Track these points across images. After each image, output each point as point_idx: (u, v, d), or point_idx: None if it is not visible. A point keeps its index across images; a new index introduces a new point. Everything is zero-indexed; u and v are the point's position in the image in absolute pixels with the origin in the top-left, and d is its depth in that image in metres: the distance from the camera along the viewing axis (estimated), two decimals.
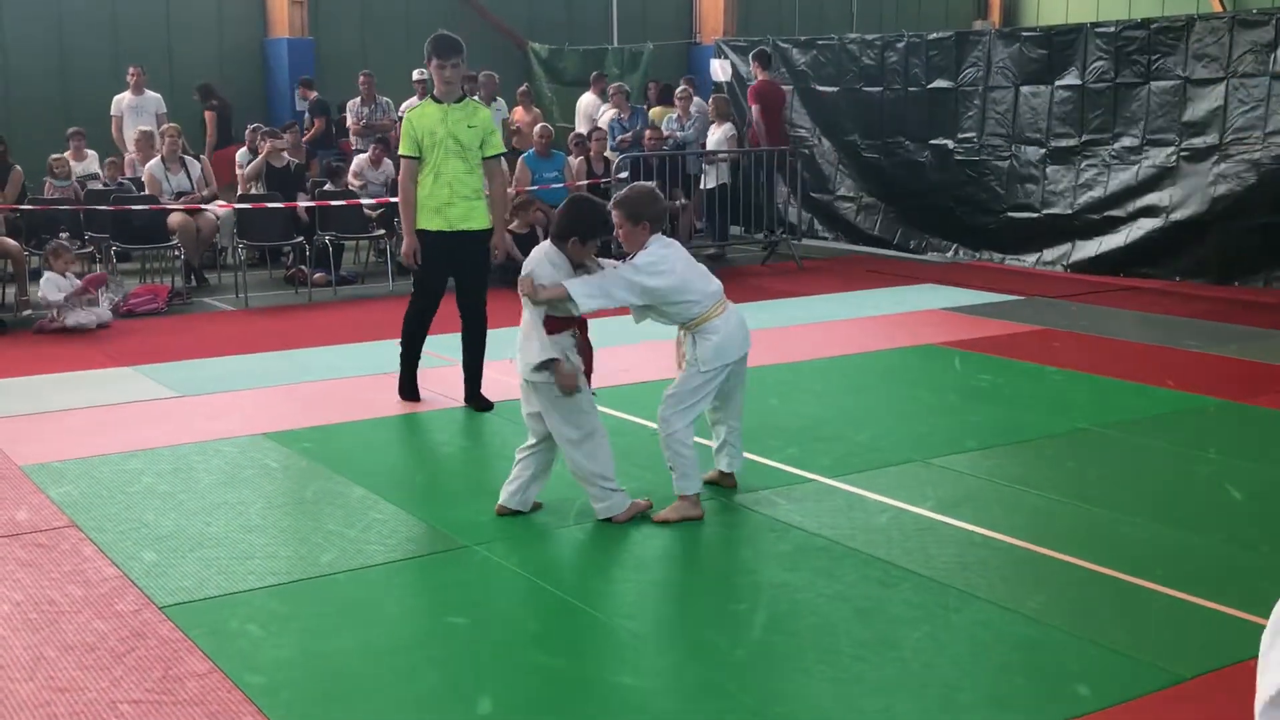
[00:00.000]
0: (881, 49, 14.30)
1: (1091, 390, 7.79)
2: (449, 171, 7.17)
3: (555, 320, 5.28)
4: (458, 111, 7.20)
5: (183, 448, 6.61)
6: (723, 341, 5.40)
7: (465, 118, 7.21)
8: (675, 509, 5.45)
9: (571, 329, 5.33)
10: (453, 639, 4.36)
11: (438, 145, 7.14)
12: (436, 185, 7.18)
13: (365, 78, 15.28)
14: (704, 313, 5.40)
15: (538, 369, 5.23)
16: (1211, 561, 4.98)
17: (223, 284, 12.27)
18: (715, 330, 5.40)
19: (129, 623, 4.43)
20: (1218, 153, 11.53)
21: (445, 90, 7.22)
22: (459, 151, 7.18)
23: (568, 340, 5.30)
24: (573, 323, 5.33)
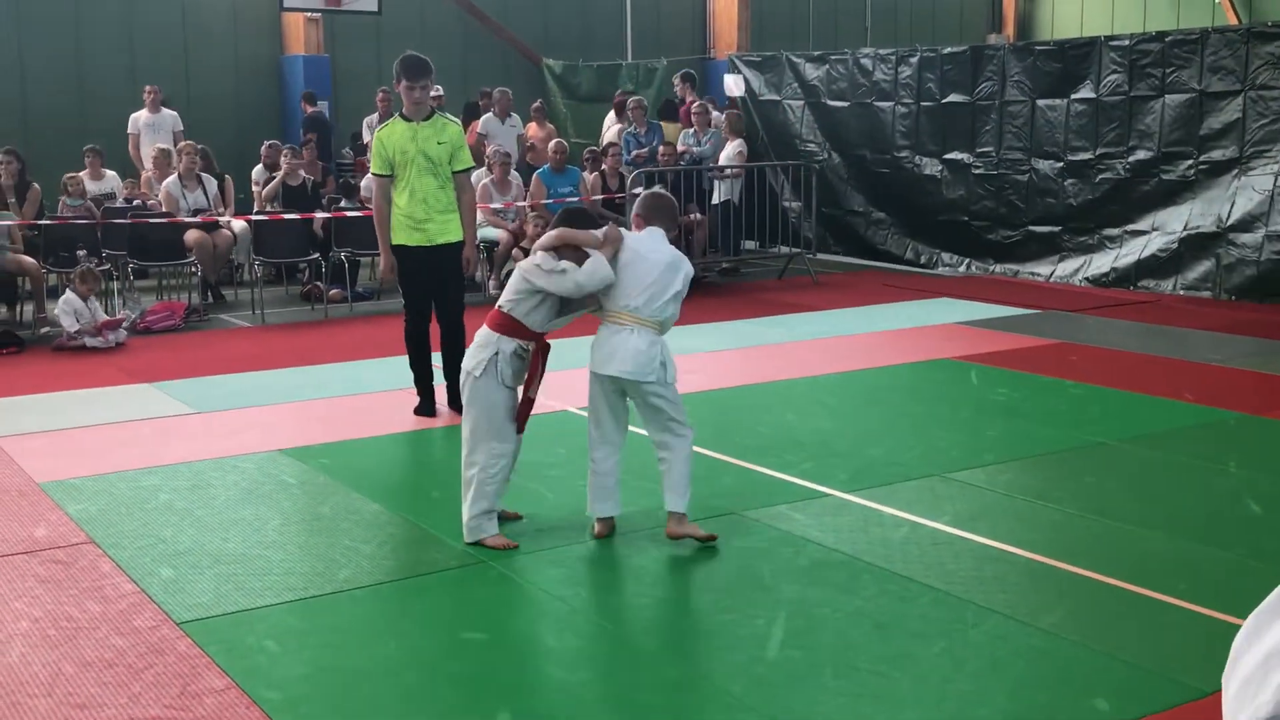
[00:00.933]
0: (895, 63, 14.31)
1: (1109, 404, 7.76)
2: (423, 188, 7.31)
3: (509, 322, 5.27)
4: (427, 129, 7.32)
5: (200, 464, 6.62)
6: (593, 344, 5.33)
7: (434, 134, 7.33)
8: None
9: (523, 340, 5.28)
10: (470, 655, 4.35)
11: (410, 163, 7.27)
12: (412, 202, 7.31)
13: (383, 94, 15.32)
14: (607, 311, 5.31)
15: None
16: (1231, 575, 4.95)
17: (239, 300, 12.31)
18: (600, 333, 5.33)
19: (147, 639, 4.43)
20: (1237, 166, 11.50)
21: (414, 109, 7.33)
22: (430, 168, 7.31)
23: (509, 344, 5.25)
24: (527, 334, 5.28)
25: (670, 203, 5.62)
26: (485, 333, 5.31)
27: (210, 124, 16.25)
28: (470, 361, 5.31)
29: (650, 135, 14.44)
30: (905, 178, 14.24)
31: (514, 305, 5.29)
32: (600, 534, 5.43)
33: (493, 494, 5.29)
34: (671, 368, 5.30)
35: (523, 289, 5.27)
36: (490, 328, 5.31)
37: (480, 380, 5.24)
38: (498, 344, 5.25)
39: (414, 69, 7.25)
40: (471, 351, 5.34)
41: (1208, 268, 11.69)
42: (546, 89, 19.03)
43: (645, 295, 5.24)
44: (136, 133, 14.54)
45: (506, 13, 19.35)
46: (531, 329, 5.29)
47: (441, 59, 18.38)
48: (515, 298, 5.29)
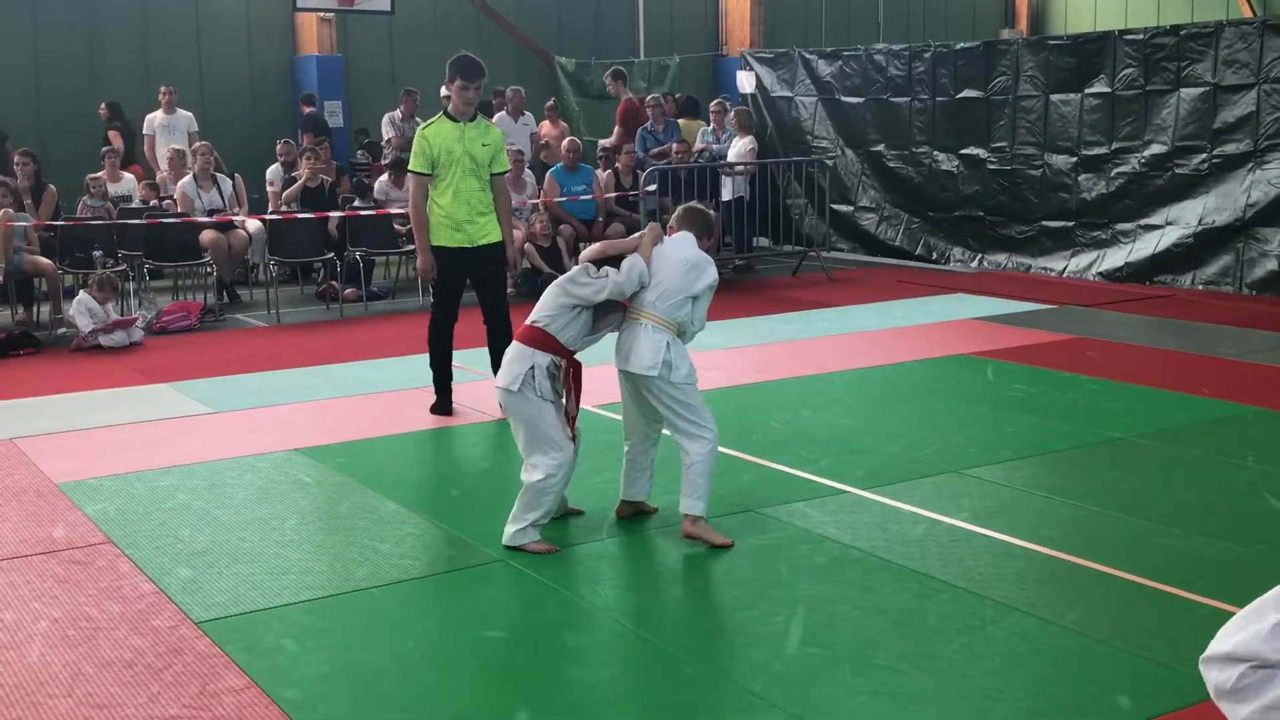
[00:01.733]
0: (909, 59, 14.27)
1: (1127, 399, 7.73)
2: (466, 189, 7.25)
3: (543, 336, 5.26)
4: (473, 130, 7.27)
5: (217, 463, 6.64)
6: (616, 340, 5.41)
7: (479, 136, 7.29)
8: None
9: (557, 355, 5.26)
10: (488, 653, 4.35)
11: (455, 163, 7.20)
12: (455, 203, 7.25)
13: (408, 95, 15.25)
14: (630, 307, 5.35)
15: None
16: (1252, 571, 4.92)
17: (254, 300, 12.34)
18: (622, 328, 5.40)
19: (166, 639, 4.44)
20: (1252, 160, 11.44)
21: (464, 110, 7.27)
22: (474, 170, 7.25)
23: (543, 359, 5.23)
24: (560, 350, 5.26)
25: (703, 213, 5.64)
26: (518, 348, 5.28)
27: (225, 125, 16.29)
28: (505, 378, 5.25)
29: (668, 133, 14.43)
30: (923, 172, 14.21)
31: (550, 321, 5.27)
32: (620, 514, 5.60)
33: (547, 504, 5.26)
34: (682, 369, 5.26)
35: (562, 303, 5.26)
36: (523, 343, 5.29)
37: (517, 395, 5.19)
38: (532, 358, 5.23)
39: (470, 69, 7.20)
40: (505, 367, 5.29)
41: (1227, 262, 11.63)
42: (559, 87, 19.03)
43: (657, 292, 5.28)
44: (152, 134, 14.58)
45: (520, 11, 19.35)
46: (565, 345, 5.28)
47: None
48: (552, 313, 5.27)
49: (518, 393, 5.18)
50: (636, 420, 5.50)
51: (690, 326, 5.38)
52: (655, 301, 5.28)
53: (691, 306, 5.34)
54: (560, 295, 5.29)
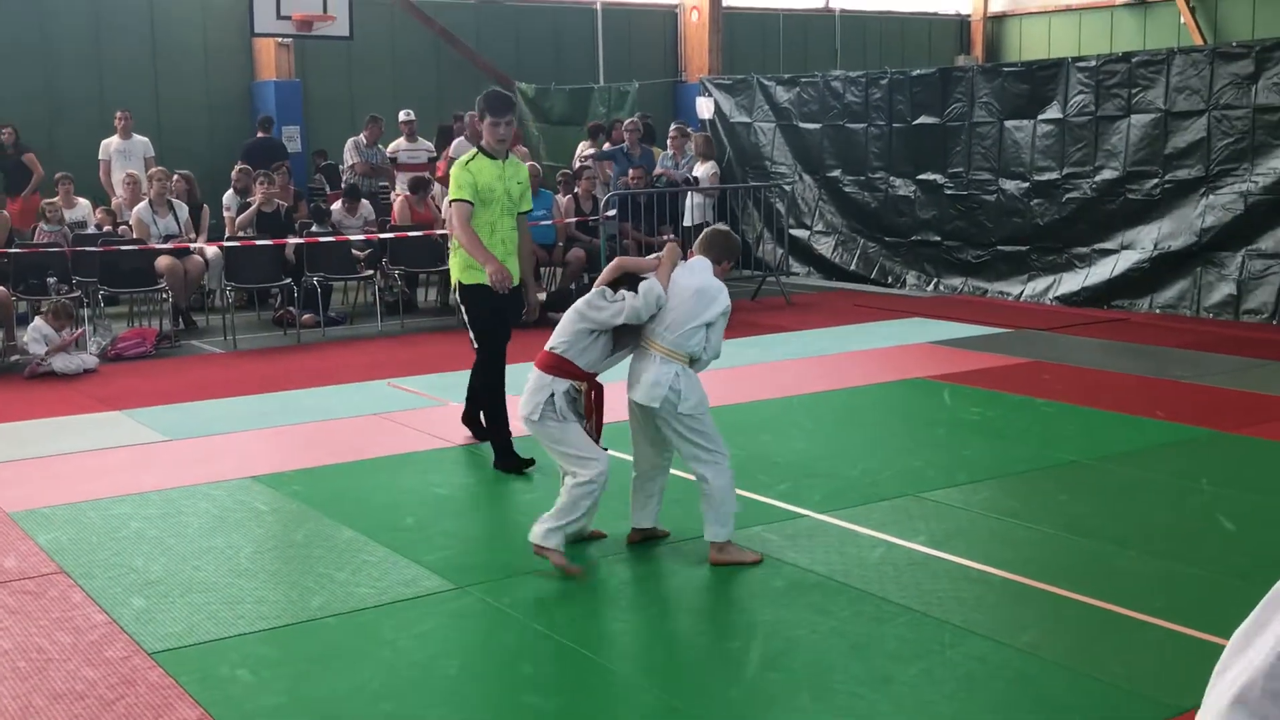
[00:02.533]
0: (865, 86, 14.40)
1: (1082, 423, 7.80)
2: (504, 228, 7.01)
3: (562, 363, 5.26)
4: (510, 168, 7.08)
5: (171, 492, 6.57)
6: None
7: (514, 174, 7.10)
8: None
9: (577, 380, 5.27)
10: (444, 682, 4.32)
11: (495, 201, 6.94)
12: (492, 241, 6.93)
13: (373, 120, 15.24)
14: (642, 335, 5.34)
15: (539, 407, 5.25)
16: (1205, 593, 4.97)
17: (211, 326, 12.25)
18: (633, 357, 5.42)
19: (118, 670, 4.39)
20: (1204, 185, 11.60)
21: (498, 147, 7.02)
22: (511, 208, 7.05)
23: (561, 385, 5.24)
24: (579, 374, 5.27)
25: (726, 236, 5.61)
26: (538, 375, 5.27)
27: (182, 150, 16.20)
28: (526, 407, 5.25)
29: (644, 158, 14.49)
30: (879, 198, 14.32)
31: (568, 347, 5.26)
32: (631, 540, 5.62)
33: (584, 509, 5.25)
34: (691, 399, 5.25)
35: (579, 328, 5.26)
36: (542, 370, 5.27)
37: (539, 425, 5.22)
38: (551, 386, 5.22)
39: (497, 104, 6.97)
40: (526, 397, 5.27)
41: (1184, 286, 11.77)
42: (519, 113, 19.05)
43: (666, 322, 5.27)
44: (107, 159, 14.48)
45: (479, 37, 19.38)
46: (584, 369, 5.28)
47: (413, 83, 18.53)
48: (569, 339, 5.26)
49: (539, 422, 5.21)
50: (645, 448, 5.51)
51: (704, 355, 5.35)
52: (663, 332, 5.26)
53: (705, 334, 5.30)
54: (578, 320, 5.28)
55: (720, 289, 5.37)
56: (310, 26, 16.09)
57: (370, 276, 12.64)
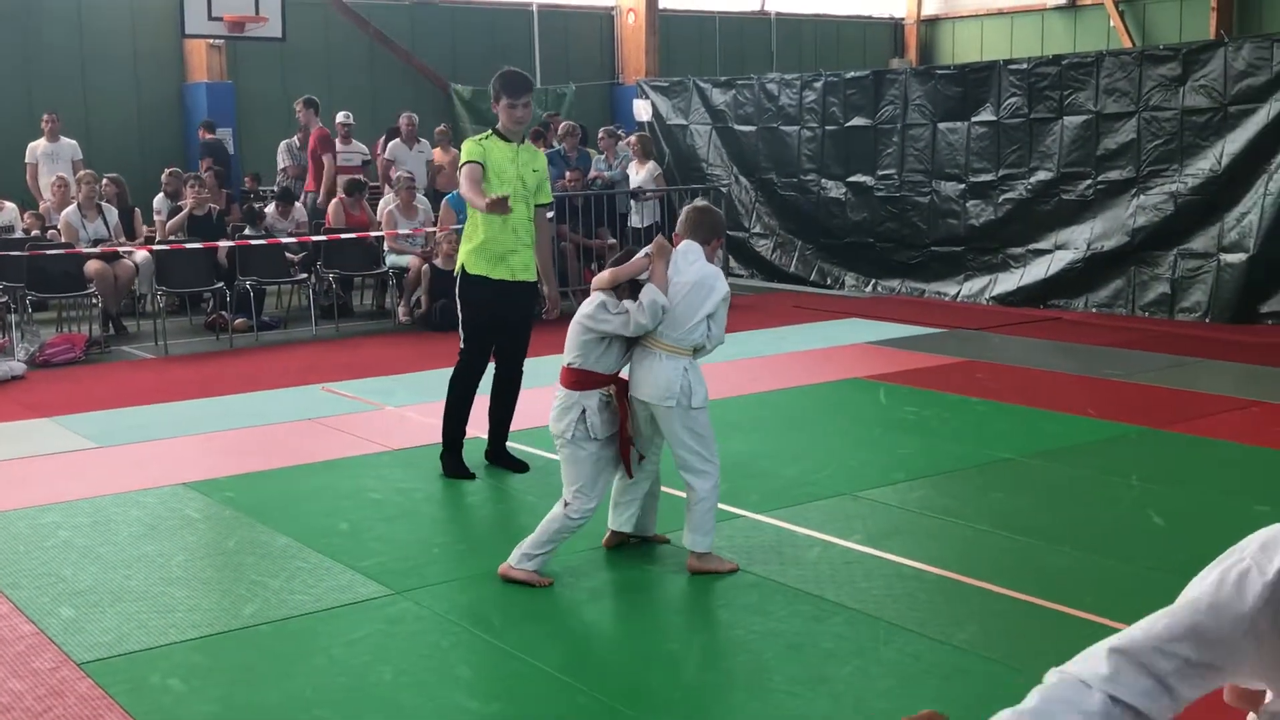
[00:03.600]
0: (800, 88, 14.48)
1: (1015, 420, 7.87)
2: (515, 216, 6.52)
3: (586, 375, 5.19)
4: (525, 153, 6.70)
5: (101, 499, 6.47)
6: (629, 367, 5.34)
7: (530, 161, 6.72)
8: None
9: (604, 386, 5.20)
10: (381, 689, 4.28)
11: (506, 184, 6.50)
12: (503, 230, 6.53)
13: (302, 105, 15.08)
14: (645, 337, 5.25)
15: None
16: (1137, 587, 5.02)
17: (142, 332, 12.08)
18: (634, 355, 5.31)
19: (46, 681, 4.31)
20: (1136, 185, 11.76)
21: (515, 130, 6.68)
22: (525, 195, 6.62)
23: (592, 398, 5.17)
24: (605, 380, 5.20)
25: (708, 212, 5.46)
26: (565, 394, 5.20)
27: (111, 153, 15.95)
28: (558, 426, 5.18)
29: (581, 160, 14.47)
30: (811, 200, 14.41)
31: (582, 358, 5.18)
32: (608, 544, 5.53)
33: (559, 543, 5.19)
34: (699, 393, 5.23)
35: (587, 338, 5.17)
36: (567, 387, 5.20)
37: (571, 444, 5.15)
38: (581, 401, 5.14)
39: (516, 85, 6.60)
40: (555, 416, 5.20)
41: (1119, 285, 11.93)
42: (455, 114, 18.97)
43: (670, 320, 5.18)
44: (34, 162, 14.24)
45: (414, 38, 19.27)
46: (606, 374, 5.21)
47: (348, 84, 18.38)
48: (581, 351, 5.18)
49: (572, 441, 5.14)
50: (643, 448, 5.40)
51: (708, 344, 5.30)
52: (667, 331, 5.19)
53: (708, 325, 5.23)
54: (583, 332, 5.18)
55: (716, 275, 5.28)
56: (242, 28, 15.91)
57: (304, 280, 12.52)
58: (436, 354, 10.15)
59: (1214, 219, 11.28)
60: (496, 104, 6.67)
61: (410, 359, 10.32)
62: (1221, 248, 11.25)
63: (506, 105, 6.60)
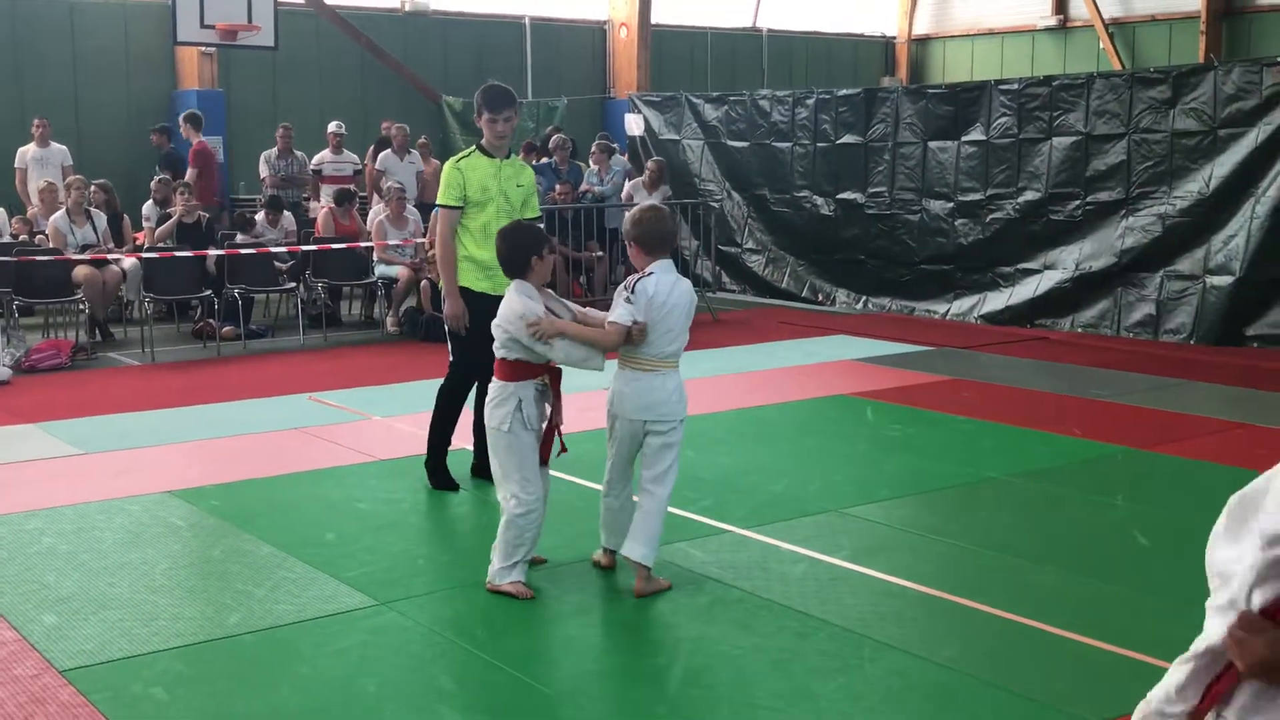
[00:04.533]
0: (792, 105, 14.52)
1: (1001, 439, 7.89)
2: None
3: (520, 366, 5.14)
4: (509, 168, 6.65)
5: (86, 506, 6.45)
6: (614, 391, 5.31)
7: (515, 175, 6.66)
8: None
9: (539, 376, 5.18)
10: (364, 700, 4.27)
11: (490, 201, 6.52)
12: (487, 245, 6.40)
13: (284, 130, 15.16)
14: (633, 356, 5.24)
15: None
16: (1121, 608, 5.04)
17: (129, 338, 12.05)
18: (620, 379, 5.29)
19: (28, 688, 4.29)
20: (1125, 207, 11.81)
21: (498, 145, 6.63)
22: (508, 211, 6.56)
23: (527, 388, 5.15)
24: (540, 370, 5.18)
25: (670, 226, 5.45)
26: (501, 385, 5.16)
27: (101, 159, 15.92)
28: (495, 418, 5.12)
29: (571, 173, 14.47)
30: (803, 217, 14.45)
31: (509, 350, 5.16)
32: (604, 564, 5.50)
33: (529, 542, 5.17)
34: (685, 401, 5.38)
35: (505, 340, 5.15)
36: (503, 379, 5.17)
37: (510, 434, 5.10)
38: (516, 391, 5.12)
39: (498, 98, 6.56)
40: (492, 408, 5.15)
41: (1105, 306, 11.98)
42: (446, 126, 18.99)
43: (677, 343, 5.29)
44: (24, 167, 14.21)
45: (406, 50, 19.29)
46: (537, 362, 5.17)
47: (339, 95, 18.38)
48: (507, 345, 5.15)
49: (509, 433, 5.10)
50: (625, 468, 5.40)
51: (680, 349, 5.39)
52: (673, 352, 5.30)
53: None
54: (501, 333, 5.16)
55: (690, 286, 5.42)
56: (234, 36, 15.91)
57: (293, 289, 12.51)
58: (424, 365, 10.15)
59: (1201, 241, 11.34)
60: (479, 118, 6.65)
61: (398, 369, 10.32)
62: (1208, 270, 11.30)
63: (488, 120, 6.58)
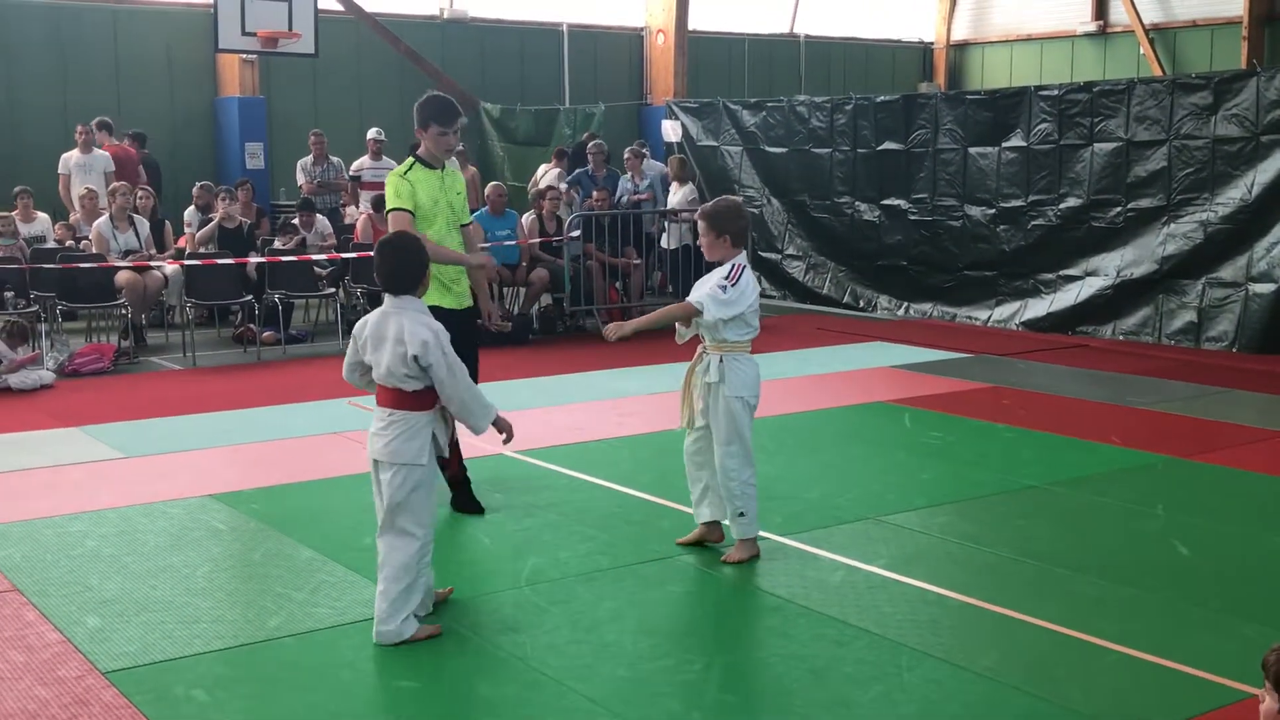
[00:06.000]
0: (830, 111, 14.50)
1: (1040, 447, 7.84)
2: (453, 243, 6.49)
3: (427, 394, 4.77)
4: (449, 178, 6.57)
5: (128, 510, 6.51)
6: (756, 372, 5.66)
7: (454, 184, 6.61)
8: (744, 549, 5.65)
9: (437, 404, 4.81)
10: (403, 704, 4.30)
11: (439, 214, 6.45)
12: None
13: (316, 137, 15.28)
14: (746, 340, 5.61)
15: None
16: (1161, 617, 5.00)
17: (170, 343, 12.16)
18: (751, 360, 5.64)
19: (72, 689, 4.34)
20: (1166, 214, 11.73)
21: (440, 156, 6.55)
22: (455, 220, 6.54)
23: (438, 418, 4.83)
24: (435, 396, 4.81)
25: (744, 220, 5.78)
26: (411, 416, 4.74)
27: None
28: (407, 452, 4.71)
29: (608, 179, 14.51)
30: (844, 223, 14.42)
31: (420, 380, 4.74)
32: (689, 541, 5.91)
33: (423, 587, 4.86)
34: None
35: (415, 371, 4.73)
36: (412, 409, 4.74)
37: (426, 468, 4.76)
38: (429, 422, 4.79)
39: (448, 112, 6.46)
40: (402, 441, 4.72)
41: (1147, 313, 11.89)
42: (484, 133, 19.07)
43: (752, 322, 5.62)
44: (67, 173, 14.36)
45: (444, 57, 19.38)
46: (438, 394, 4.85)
47: (378, 102, 18.48)
48: (419, 375, 4.74)
49: (426, 466, 4.77)
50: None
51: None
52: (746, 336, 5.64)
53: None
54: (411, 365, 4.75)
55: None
56: (275, 43, 16.04)
57: (333, 294, 12.59)
58: None
59: (1243, 249, 11.24)
60: (424, 130, 6.48)
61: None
62: (1250, 277, 11.20)
63: (437, 132, 6.44)
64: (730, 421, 5.59)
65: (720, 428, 5.62)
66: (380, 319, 4.82)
